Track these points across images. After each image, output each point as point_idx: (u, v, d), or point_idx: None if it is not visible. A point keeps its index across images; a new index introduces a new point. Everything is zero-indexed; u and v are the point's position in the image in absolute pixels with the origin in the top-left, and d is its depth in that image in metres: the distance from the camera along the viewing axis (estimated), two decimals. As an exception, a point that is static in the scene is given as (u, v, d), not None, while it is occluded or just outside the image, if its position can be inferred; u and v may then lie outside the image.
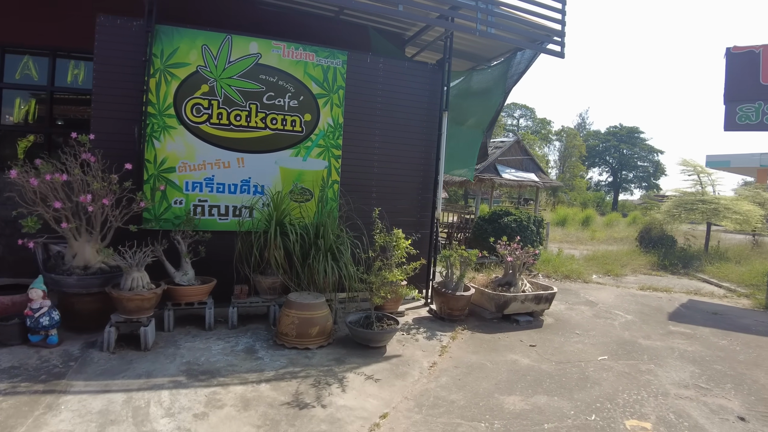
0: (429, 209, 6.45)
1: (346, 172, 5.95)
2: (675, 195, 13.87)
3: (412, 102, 6.29)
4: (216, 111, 5.42)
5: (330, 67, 5.84)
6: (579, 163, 55.15)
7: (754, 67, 10.06)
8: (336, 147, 5.88)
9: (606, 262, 11.10)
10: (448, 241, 12.18)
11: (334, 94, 5.86)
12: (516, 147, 15.18)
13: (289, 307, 4.51)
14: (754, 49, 10.13)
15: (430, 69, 6.42)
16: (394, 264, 4.84)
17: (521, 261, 6.20)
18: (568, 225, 22.72)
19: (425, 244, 6.37)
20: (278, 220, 4.99)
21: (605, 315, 6.75)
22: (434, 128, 6.38)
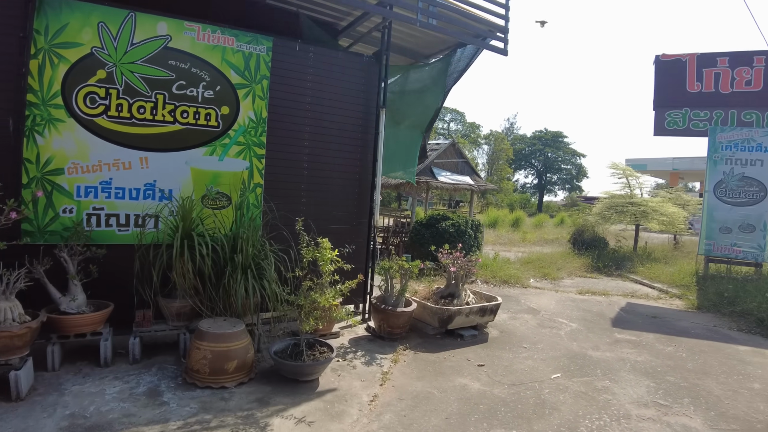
0: (366, 215, 5.83)
1: (271, 173, 5.20)
2: (605, 197, 14.17)
3: (347, 97, 5.66)
4: (115, 101, 4.52)
5: (253, 54, 5.10)
6: (506, 166, 56.81)
7: (681, 75, 10.33)
8: (259, 145, 5.13)
9: (542, 266, 11.02)
10: (384, 246, 11.68)
11: (257, 84, 5.12)
12: (451, 150, 14.95)
13: (200, 339, 3.73)
14: (681, 57, 10.41)
15: (366, 61, 5.83)
16: (326, 283, 4.17)
17: (464, 270, 5.76)
18: (499, 227, 23.01)
19: (362, 255, 5.74)
20: (186, 232, 4.17)
21: (550, 324, 6.46)
22: (371, 126, 5.79)
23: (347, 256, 4.57)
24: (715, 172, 9.92)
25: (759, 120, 9.91)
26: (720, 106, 10.10)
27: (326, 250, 4.28)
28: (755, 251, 9.64)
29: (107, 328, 4.13)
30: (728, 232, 9.80)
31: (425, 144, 7.32)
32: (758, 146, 9.66)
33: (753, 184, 9.68)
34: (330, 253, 4.26)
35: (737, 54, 10.09)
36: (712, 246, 9.92)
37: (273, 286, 4.09)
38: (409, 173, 7.06)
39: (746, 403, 4.24)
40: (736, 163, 9.78)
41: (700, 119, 10.20)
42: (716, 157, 9.90)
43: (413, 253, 9.85)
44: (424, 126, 6.92)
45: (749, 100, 9.95)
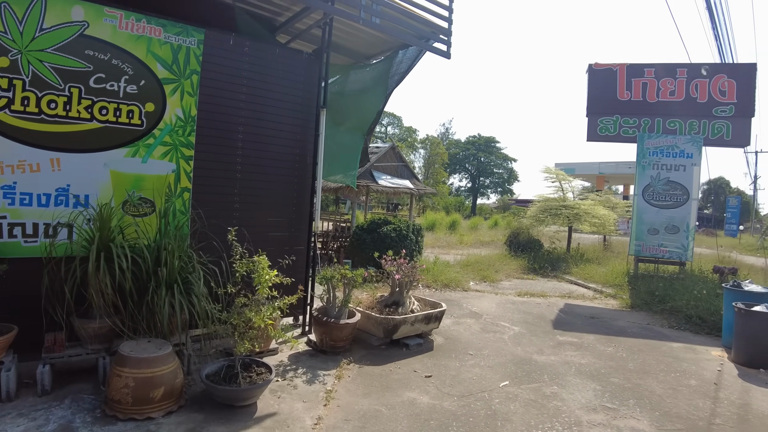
0: (305, 221, 5.51)
1: (201, 177, 4.77)
2: (539, 201, 14.57)
3: (285, 96, 5.33)
4: (20, 94, 3.95)
5: (182, 47, 4.66)
6: (442, 170, 57.84)
7: (612, 84, 10.74)
8: (187, 146, 4.70)
9: (481, 268, 11.11)
10: (324, 252, 11.36)
11: (186, 80, 4.69)
12: (391, 153, 14.86)
13: (121, 364, 3.28)
14: (612, 67, 10.82)
15: (306, 59, 5.52)
16: (262, 299, 3.81)
17: (409, 277, 5.58)
18: (437, 230, 23.21)
19: (301, 263, 5.41)
20: (104, 242, 3.70)
21: (493, 328, 6.42)
22: (311, 127, 5.48)
23: (286, 268, 4.23)
24: (644, 177, 10.39)
25: (682, 128, 10.48)
26: (647, 114, 10.60)
27: (264, 270, 3.87)
28: (680, 251, 10.17)
29: (10, 355, 3.57)
30: (656, 234, 10.29)
31: (367, 147, 7.10)
32: (681, 152, 10.21)
33: (677, 188, 10.22)
34: (268, 273, 3.87)
35: (663, 66, 10.64)
36: (641, 247, 10.37)
37: (203, 303, 3.69)
38: (350, 177, 6.81)
39: (686, 400, 4.34)
40: (662, 168, 10.29)
41: (630, 126, 10.66)
42: (644, 162, 10.37)
43: (354, 259, 9.61)
44: (366, 128, 6.69)
45: (673, 109, 10.51)
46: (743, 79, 10.28)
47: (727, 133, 10.34)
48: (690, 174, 10.20)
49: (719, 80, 10.32)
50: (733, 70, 10.45)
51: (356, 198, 15.15)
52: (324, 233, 12.36)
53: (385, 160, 14.41)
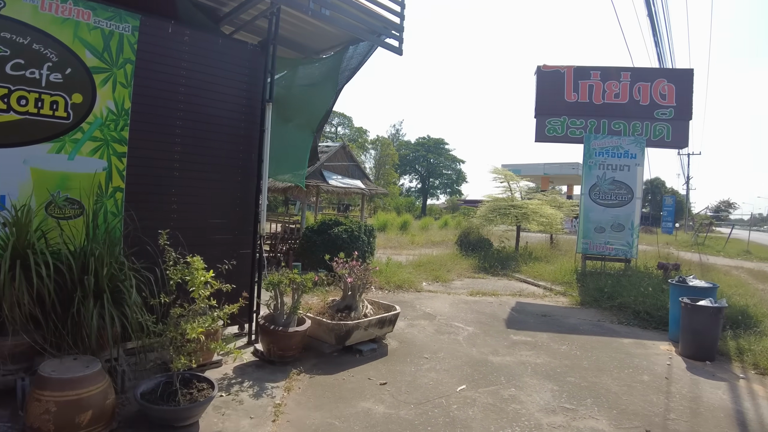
0: (251, 223, 5.17)
1: (136, 175, 4.36)
2: (488, 200, 14.71)
3: (229, 89, 4.99)
4: None
5: (115, 33, 4.26)
6: (392, 171, 58.01)
7: (560, 86, 10.93)
8: (120, 141, 4.29)
9: (433, 268, 11.05)
10: (273, 255, 10.98)
11: (118, 69, 4.28)
12: (342, 153, 14.59)
13: (41, 387, 2.88)
14: (560, 69, 11.01)
15: (251, 50, 5.20)
16: (200, 309, 3.47)
17: (362, 281, 5.38)
18: (389, 230, 23.16)
19: (246, 268, 5.09)
20: (21, 248, 3.28)
21: (447, 329, 6.32)
22: (256, 123, 5.15)
23: (228, 273, 3.91)
24: (590, 177, 10.64)
25: (626, 129, 10.81)
26: (593, 116, 10.86)
27: (198, 271, 3.53)
28: (625, 248, 10.49)
29: None
30: (602, 232, 10.56)
31: (316, 145, 6.84)
32: (626, 153, 10.53)
33: (622, 187, 10.53)
34: (203, 275, 3.52)
35: (608, 69, 10.93)
36: (588, 245, 10.61)
37: (136, 315, 3.33)
38: (299, 176, 6.53)
39: (641, 396, 4.37)
40: (607, 168, 10.57)
41: (577, 127, 10.89)
42: (591, 162, 10.63)
43: (304, 261, 9.31)
44: (315, 125, 6.43)
45: (618, 111, 10.82)
46: (682, 83, 10.72)
47: (667, 134, 10.75)
48: (634, 174, 10.54)
49: (660, 84, 10.71)
50: (672, 75, 10.88)
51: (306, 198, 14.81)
52: (272, 235, 11.96)
53: (336, 159, 14.14)
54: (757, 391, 4.69)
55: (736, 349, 5.80)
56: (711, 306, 5.59)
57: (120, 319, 3.30)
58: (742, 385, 4.86)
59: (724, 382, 4.89)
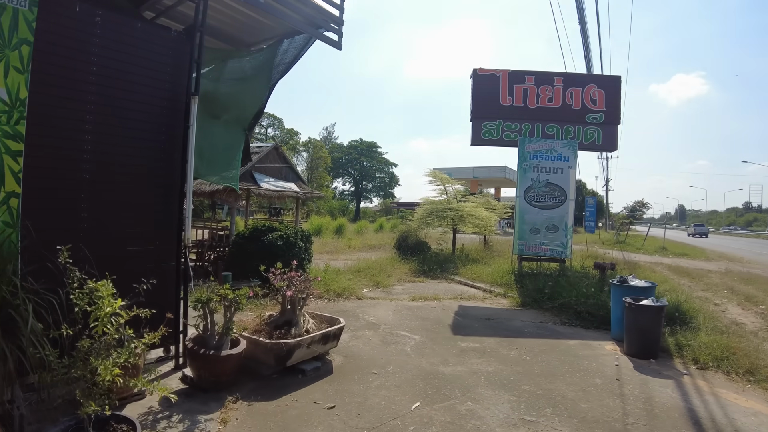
0: (174, 231, 4.53)
1: (35, 178, 3.65)
2: (424, 203, 14.59)
3: (148, 79, 4.34)
4: None
5: (7, 8, 3.54)
6: (325, 174, 57.35)
7: (496, 89, 10.93)
8: (14, 137, 3.57)
9: (373, 274, 10.72)
10: (200, 264, 10.19)
11: (12, 51, 3.56)
12: (274, 154, 13.88)
13: None
14: (496, 72, 11.02)
15: (174, 38, 4.58)
16: (113, 340, 2.83)
17: (302, 293, 4.91)
18: (324, 234, 22.62)
19: (169, 283, 4.45)
20: None
21: (393, 339, 5.98)
22: (179, 118, 4.53)
23: (148, 290, 3.33)
24: (525, 179, 10.73)
25: (559, 133, 10.99)
26: (528, 120, 10.96)
27: (105, 299, 2.88)
28: (560, 249, 10.65)
29: None
30: (537, 233, 10.67)
31: (248, 145, 6.28)
32: (559, 156, 10.70)
33: (556, 189, 10.69)
34: (110, 304, 2.88)
35: (541, 74, 11.09)
36: (524, 246, 10.68)
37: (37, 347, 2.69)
38: (230, 178, 5.94)
39: (597, 401, 4.27)
40: (541, 171, 10.71)
41: (512, 131, 10.94)
42: (525, 165, 10.72)
43: (235, 271, 8.62)
44: (247, 123, 5.88)
45: (551, 115, 10.98)
46: (611, 89, 11.06)
47: (598, 138, 11.04)
48: (567, 176, 10.74)
49: (591, 90, 11.00)
50: (602, 81, 11.21)
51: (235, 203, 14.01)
52: (198, 243, 11.14)
53: (268, 161, 13.44)
54: (702, 387, 4.76)
55: (676, 345, 5.90)
56: (653, 305, 5.63)
57: (15, 353, 2.66)
58: (687, 381, 4.91)
59: (670, 379, 4.93)
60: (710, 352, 5.53)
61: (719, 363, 5.35)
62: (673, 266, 15.81)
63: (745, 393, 4.68)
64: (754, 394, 4.68)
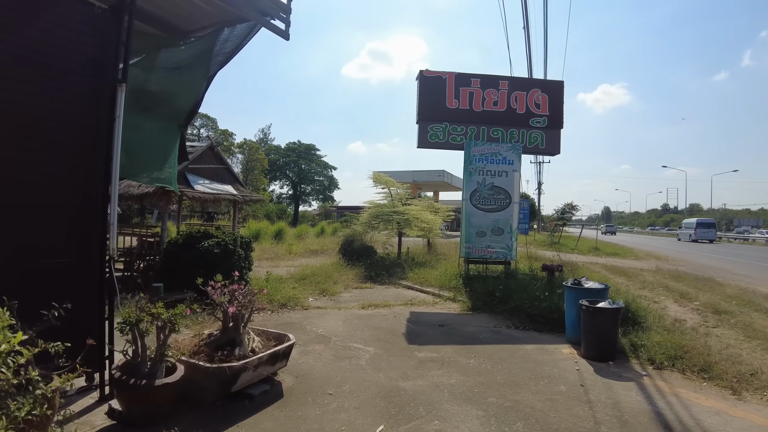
0: (96, 241, 3.89)
1: None
2: (369, 207, 14.27)
3: (65, 62, 3.68)
4: None
5: None
6: (262, 177, 55.84)
7: (442, 92, 10.81)
8: None
9: (318, 281, 10.23)
10: (128, 274, 9.31)
11: None
12: (210, 154, 13.02)
13: None
14: (442, 75, 10.89)
15: (98, 16, 3.91)
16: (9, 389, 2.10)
17: (247, 309, 4.42)
18: (263, 240, 21.74)
19: (91, 300, 3.83)
20: None
21: (347, 353, 5.57)
22: (103, 109, 3.89)
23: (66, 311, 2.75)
24: (471, 182, 10.65)
25: (504, 136, 11.04)
26: (474, 123, 10.92)
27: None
28: (505, 251, 10.66)
29: None
30: (483, 236, 10.63)
31: (184, 142, 5.67)
32: (504, 159, 10.71)
33: (501, 192, 10.69)
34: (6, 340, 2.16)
35: (487, 77, 11.09)
36: (471, 249, 10.61)
37: None
38: (165, 178, 5.28)
39: (567, 411, 4.11)
40: (487, 174, 10.67)
41: (458, 134, 10.86)
42: (471, 168, 10.64)
43: (168, 282, 7.89)
44: (183, 117, 5.29)
45: (496, 119, 11.01)
46: (554, 93, 11.25)
47: (541, 142, 11.18)
48: (511, 179, 10.77)
49: (534, 94, 11.13)
50: (545, 86, 11.38)
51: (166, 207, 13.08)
52: (127, 251, 10.20)
53: (203, 161, 12.58)
54: (663, 388, 4.74)
55: (630, 345, 5.90)
56: (611, 308, 5.59)
57: None
58: (648, 383, 4.88)
59: (631, 382, 4.89)
60: (664, 351, 5.57)
61: (674, 362, 5.39)
62: (609, 266, 16.38)
63: (703, 391, 4.71)
64: (712, 392, 4.72)
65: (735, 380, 4.89)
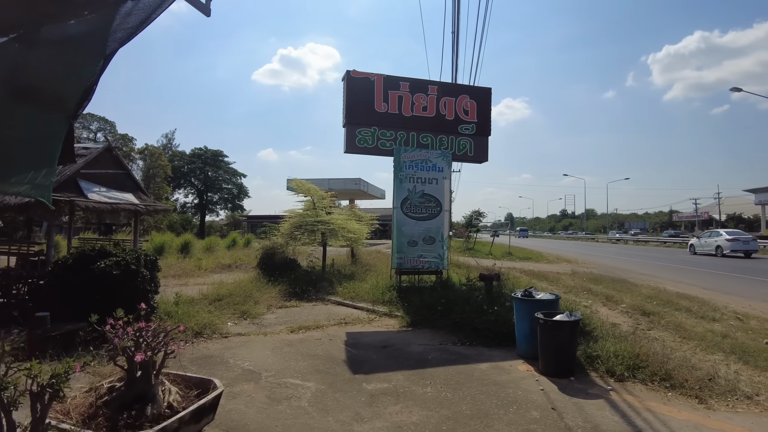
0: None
1: None
2: (291, 216, 13.29)
3: None
4: None
5: None
6: (165, 185, 52.23)
7: (370, 95, 10.22)
8: None
9: (236, 301, 9.10)
10: (4, 300, 7.69)
11: None
12: (107, 157, 11.30)
13: None
14: (370, 76, 10.29)
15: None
16: None
17: (162, 351, 3.47)
18: (168, 254, 19.84)
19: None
20: None
21: (283, 393, 4.71)
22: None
23: None
24: (402, 190, 10.15)
25: (433, 143, 10.66)
26: (403, 128, 10.45)
27: None
28: (437, 260, 10.28)
29: None
30: (415, 245, 10.17)
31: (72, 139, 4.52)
32: (434, 166, 10.33)
33: (432, 200, 10.29)
34: None
35: (416, 81, 10.66)
36: (403, 259, 10.11)
37: None
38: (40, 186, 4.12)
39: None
40: (417, 181, 10.23)
41: (387, 139, 10.32)
42: (402, 175, 10.15)
43: (54, 310, 6.52)
44: (72, 106, 4.15)
45: (426, 124, 10.62)
46: (482, 100, 11.07)
47: (470, 149, 10.96)
48: (442, 187, 10.43)
49: (463, 100, 10.88)
50: (474, 92, 11.17)
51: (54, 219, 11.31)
52: (3, 272, 8.50)
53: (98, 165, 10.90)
54: (634, 404, 4.49)
55: (586, 357, 5.64)
56: (569, 320, 5.27)
57: None
58: (616, 399, 4.61)
59: (600, 399, 4.60)
60: (622, 361, 5.35)
61: (634, 372, 5.19)
62: (527, 270, 16.66)
63: (672, 403, 4.53)
64: (680, 403, 4.55)
65: (698, 388, 4.77)
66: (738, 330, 7.49)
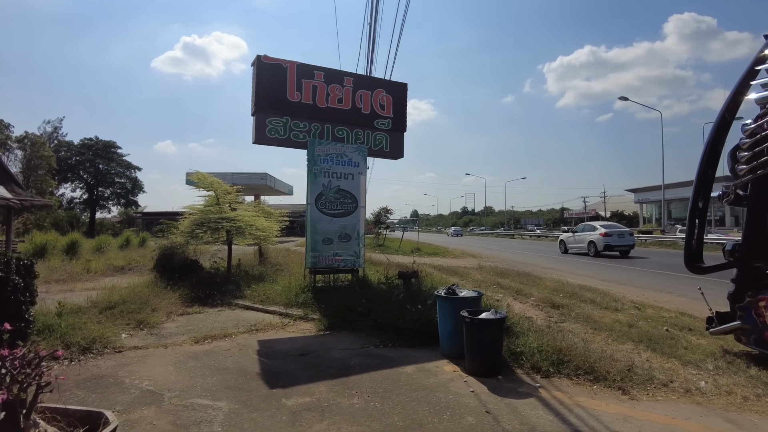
0: None
1: None
2: (191, 213, 12.25)
3: None
4: None
5: None
6: (49, 178, 47.17)
7: (283, 82, 9.65)
8: None
9: (131, 309, 8.09)
10: None
11: None
12: (-33, 148, 9.74)
13: None
14: (283, 63, 9.71)
15: None
16: None
17: (33, 384, 2.81)
18: (51, 256, 17.75)
19: None
20: None
21: (191, 417, 4.10)
22: None
23: None
24: (316, 185, 9.74)
25: (349, 136, 10.30)
26: (318, 120, 9.99)
27: None
28: (353, 258, 10.00)
29: None
30: (330, 243, 9.82)
31: None
32: (350, 161, 10.00)
33: (347, 196, 9.98)
34: None
35: (331, 71, 10.21)
36: (317, 258, 9.72)
37: None
38: None
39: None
40: (332, 176, 9.87)
41: (300, 130, 9.80)
42: (316, 169, 9.72)
43: None
44: None
45: (341, 117, 10.23)
46: (398, 96, 10.90)
47: (386, 145, 10.75)
48: (358, 182, 10.15)
49: (379, 94, 10.62)
50: (390, 87, 10.94)
51: None
52: None
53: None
54: (564, 400, 4.49)
55: (510, 354, 5.62)
56: (495, 318, 5.20)
57: None
58: (546, 396, 4.57)
59: (531, 397, 4.54)
60: (546, 357, 5.38)
61: (558, 368, 5.23)
62: (436, 265, 16.89)
63: (599, 396, 4.60)
64: (606, 395, 4.62)
65: (620, 379, 4.90)
66: (639, 319, 7.95)
